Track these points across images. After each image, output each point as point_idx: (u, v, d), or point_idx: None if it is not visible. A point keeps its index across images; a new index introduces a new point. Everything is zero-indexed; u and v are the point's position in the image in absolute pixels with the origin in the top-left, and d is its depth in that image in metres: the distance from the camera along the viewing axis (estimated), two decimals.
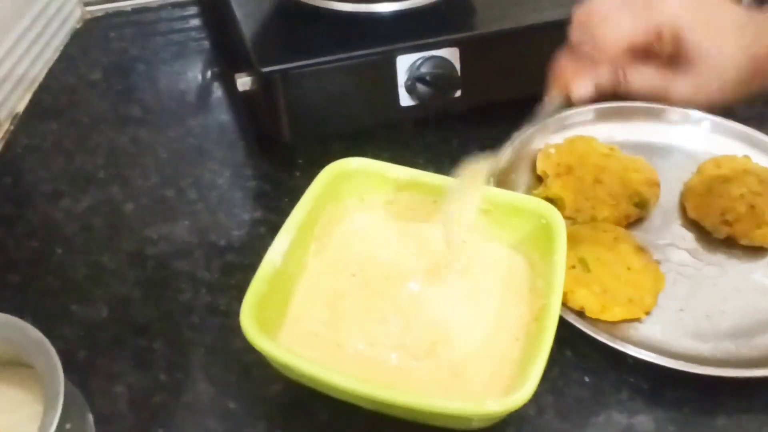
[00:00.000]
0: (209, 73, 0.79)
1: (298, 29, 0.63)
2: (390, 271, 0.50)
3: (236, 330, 0.42)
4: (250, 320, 0.41)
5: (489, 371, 0.45)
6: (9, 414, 0.43)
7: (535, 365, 0.40)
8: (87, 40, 0.83)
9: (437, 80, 0.62)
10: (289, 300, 0.48)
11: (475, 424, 0.42)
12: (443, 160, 0.66)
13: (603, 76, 0.45)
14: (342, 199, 0.52)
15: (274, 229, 0.49)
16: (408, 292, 0.49)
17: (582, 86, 0.45)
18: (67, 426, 0.39)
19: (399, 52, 0.60)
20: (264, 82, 0.58)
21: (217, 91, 0.77)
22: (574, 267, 0.53)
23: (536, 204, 0.50)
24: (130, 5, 0.87)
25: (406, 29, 0.62)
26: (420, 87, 0.61)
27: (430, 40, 0.61)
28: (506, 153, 0.62)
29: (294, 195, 0.51)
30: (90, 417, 0.44)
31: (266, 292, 0.44)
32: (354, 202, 0.53)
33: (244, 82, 0.61)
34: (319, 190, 0.50)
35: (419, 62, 0.60)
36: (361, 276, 0.50)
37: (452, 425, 0.43)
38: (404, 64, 0.60)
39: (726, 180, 0.61)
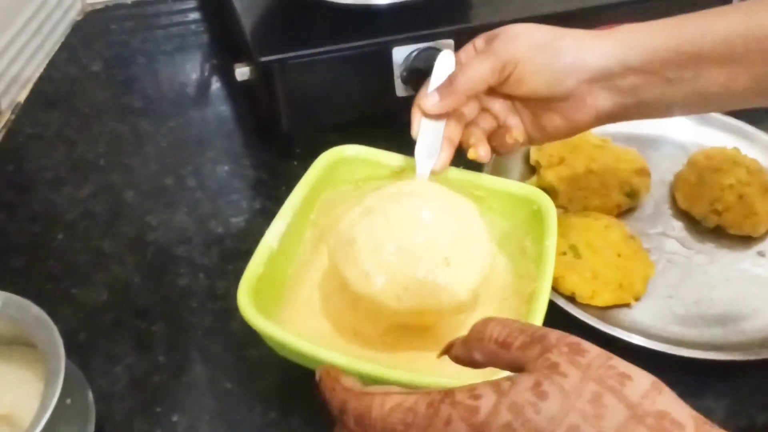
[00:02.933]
0: (208, 66, 0.80)
1: (297, 21, 0.64)
2: None
3: (234, 313, 0.43)
4: (246, 299, 0.42)
5: None
6: (10, 392, 0.44)
7: None
8: (88, 32, 0.84)
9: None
10: (286, 283, 0.49)
11: None
12: None
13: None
14: (337, 186, 0.53)
15: (271, 216, 0.49)
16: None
17: (482, 149, 0.50)
18: (68, 401, 0.40)
19: (395, 44, 0.61)
20: (262, 72, 0.59)
21: (216, 84, 0.78)
22: (565, 254, 0.54)
23: (528, 191, 0.51)
24: None
25: (402, 21, 0.63)
26: (415, 78, 0.62)
27: (426, 32, 0.62)
28: None
29: (292, 183, 0.51)
30: (90, 394, 0.45)
31: (263, 273, 0.45)
32: (349, 189, 0.54)
33: (242, 72, 0.62)
34: (315, 177, 0.51)
35: (415, 53, 0.61)
36: None
37: None
38: (400, 55, 0.61)
39: (716, 171, 0.62)
